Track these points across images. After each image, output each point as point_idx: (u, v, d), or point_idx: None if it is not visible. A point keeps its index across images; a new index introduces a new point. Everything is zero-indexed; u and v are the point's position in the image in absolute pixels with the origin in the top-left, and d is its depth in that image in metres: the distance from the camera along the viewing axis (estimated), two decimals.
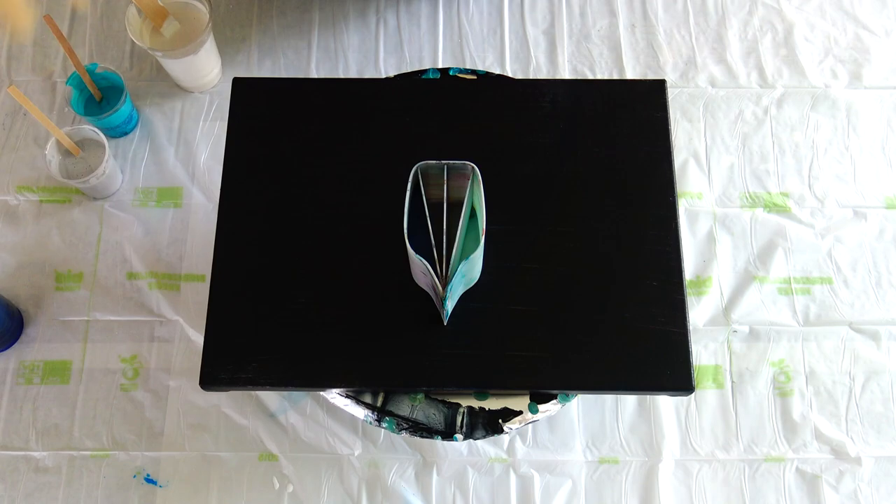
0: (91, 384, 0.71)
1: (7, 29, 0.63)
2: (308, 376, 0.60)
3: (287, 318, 0.61)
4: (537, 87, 0.69)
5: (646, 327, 0.60)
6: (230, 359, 0.60)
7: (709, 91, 0.82)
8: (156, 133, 0.80)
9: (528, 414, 0.62)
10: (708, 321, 0.74)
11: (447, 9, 0.85)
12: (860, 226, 0.77)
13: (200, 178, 0.78)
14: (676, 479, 0.69)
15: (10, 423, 0.70)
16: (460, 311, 0.61)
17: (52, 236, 0.76)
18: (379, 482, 0.69)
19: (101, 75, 0.75)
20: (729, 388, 0.72)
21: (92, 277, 0.74)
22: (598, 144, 0.66)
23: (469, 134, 0.66)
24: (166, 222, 0.76)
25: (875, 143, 0.80)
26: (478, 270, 0.61)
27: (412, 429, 0.62)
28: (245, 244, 0.63)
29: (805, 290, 0.75)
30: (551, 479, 0.69)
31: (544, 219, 0.64)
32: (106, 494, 0.68)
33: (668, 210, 0.64)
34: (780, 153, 0.80)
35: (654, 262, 0.62)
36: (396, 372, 0.60)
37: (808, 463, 0.70)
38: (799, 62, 0.83)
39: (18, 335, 0.73)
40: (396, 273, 0.61)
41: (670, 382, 0.59)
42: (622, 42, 0.84)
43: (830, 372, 0.72)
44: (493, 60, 0.83)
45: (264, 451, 0.70)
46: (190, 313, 0.73)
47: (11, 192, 0.77)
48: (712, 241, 0.76)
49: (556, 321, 0.61)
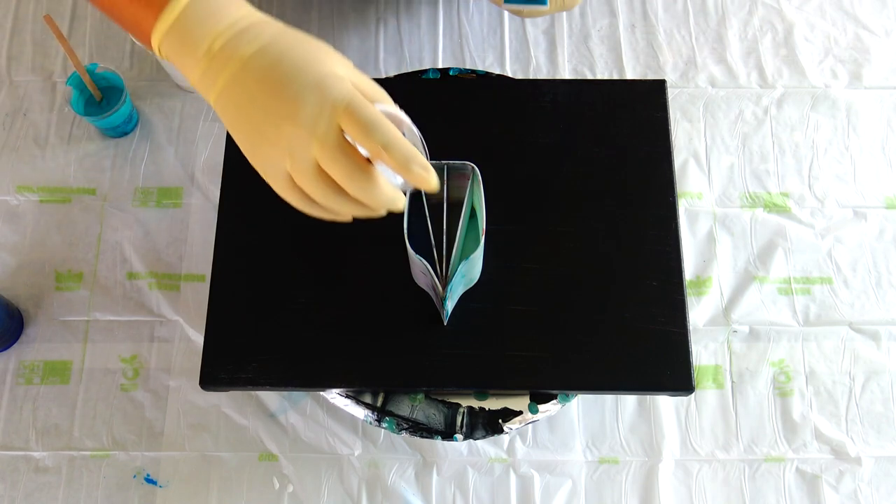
0: (91, 384, 0.71)
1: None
2: (308, 376, 0.60)
3: (287, 318, 0.61)
4: (537, 87, 0.69)
5: (646, 327, 0.60)
6: (230, 359, 0.60)
7: (709, 91, 0.82)
8: (156, 133, 0.80)
9: (528, 414, 0.62)
10: (708, 321, 0.74)
11: (447, 9, 0.85)
12: (860, 226, 0.77)
13: (200, 178, 0.78)
14: (676, 479, 0.69)
15: (10, 423, 0.70)
16: (460, 311, 0.61)
17: (52, 236, 0.76)
18: (379, 482, 0.69)
19: (101, 75, 0.75)
20: (729, 388, 0.72)
21: (92, 277, 0.74)
22: (598, 144, 0.66)
23: (469, 134, 0.66)
24: (166, 222, 0.76)
25: (875, 143, 0.80)
26: (478, 270, 0.61)
27: (412, 429, 0.62)
28: (245, 244, 0.63)
29: (805, 290, 0.75)
30: (551, 479, 0.69)
31: (544, 219, 0.64)
32: (106, 494, 0.68)
33: (668, 210, 0.64)
34: (780, 153, 0.80)
35: (654, 262, 0.62)
36: (396, 372, 0.60)
37: (808, 463, 0.70)
38: (799, 62, 0.83)
39: (18, 335, 0.73)
40: (396, 273, 0.62)
41: (670, 382, 0.59)
42: (622, 42, 0.84)
43: (830, 372, 0.72)
44: (493, 60, 0.83)
45: (264, 451, 0.70)
46: (190, 313, 0.73)
47: (11, 192, 0.77)
48: (712, 241, 0.76)
49: (556, 321, 0.61)
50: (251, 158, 0.46)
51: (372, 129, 0.43)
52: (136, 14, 0.46)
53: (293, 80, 0.44)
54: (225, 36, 0.45)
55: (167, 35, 0.45)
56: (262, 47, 0.45)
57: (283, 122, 0.44)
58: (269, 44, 0.45)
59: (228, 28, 0.45)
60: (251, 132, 0.45)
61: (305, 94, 0.44)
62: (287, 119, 0.44)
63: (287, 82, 0.44)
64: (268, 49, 0.45)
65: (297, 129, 0.43)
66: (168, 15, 0.45)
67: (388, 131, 0.43)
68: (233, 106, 0.45)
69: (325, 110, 0.43)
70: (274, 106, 0.44)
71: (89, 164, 0.78)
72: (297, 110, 0.44)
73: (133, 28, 0.48)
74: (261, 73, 0.44)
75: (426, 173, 0.43)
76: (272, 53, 0.45)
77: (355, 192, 0.44)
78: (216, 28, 0.45)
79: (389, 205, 0.46)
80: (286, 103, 0.44)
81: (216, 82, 0.45)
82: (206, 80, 0.45)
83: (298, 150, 0.44)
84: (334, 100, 0.43)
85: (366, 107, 0.44)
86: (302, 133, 0.43)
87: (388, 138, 0.43)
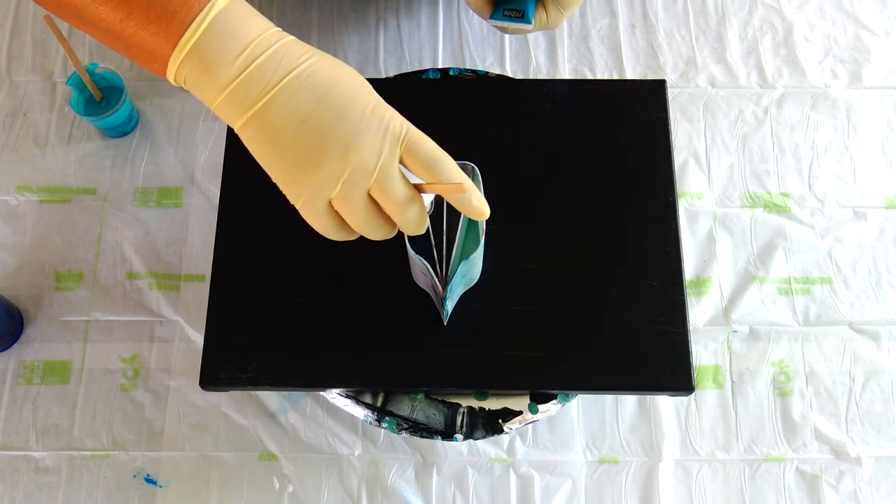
0: (91, 384, 0.71)
1: None
2: (308, 376, 0.60)
3: (287, 318, 0.61)
4: (537, 87, 0.69)
5: (646, 327, 0.60)
6: (230, 359, 0.60)
7: (709, 91, 0.82)
8: (156, 133, 0.80)
9: (528, 414, 0.62)
10: (708, 321, 0.74)
11: (447, 9, 0.85)
12: (860, 226, 0.77)
13: (200, 178, 0.78)
14: (676, 479, 0.69)
15: (10, 423, 0.70)
16: (460, 311, 0.61)
17: (52, 236, 0.76)
18: (379, 482, 0.69)
19: (101, 75, 0.75)
20: (729, 388, 0.72)
21: (92, 277, 0.74)
22: (598, 144, 0.66)
23: (469, 134, 0.66)
24: (166, 222, 0.76)
25: (875, 143, 0.80)
26: (478, 270, 0.61)
27: (412, 429, 0.62)
28: (245, 244, 0.63)
29: (805, 290, 0.75)
30: (551, 479, 0.69)
31: (544, 219, 0.64)
32: (106, 494, 0.68)
33: (668, 210, 0.64)
34: (780, 153, 0.80)
35: (654, 262, 0.62)
36: (396, 372, 0.60)
37: (808, 463, 0.70)
38: (799, 62, 0.83)
39: (18, 335, 0.73)
40: (396, 273, 0.62)
41: (670, 382, 0.59)
42: (622, 42, 0.84)
43: (830, 372, 0.72)
44: (493, 60, 0.83)
45: (264, 451, 0.70)
46: (190, 313, 0.73)
47: (11, 192, 0.77)
48: (712, 241, 0.76)
49: (556, 321, 0.61)
50: (290, 183, 0.44)
51: (433, 165, 0.44)
52: (148, 41, 0.44)
53: (352, 106, 0.44)
54: (255, 55, 0.43)
55: (186, 60, 0.43)
56: (307, 70, 0.44)
57: (347, 150, 0.43)
58: (314, 66, 0.44)
59: (257, 47, 0.43)
60: (300, 157, 0.44)
61: (366, 121, 0.43)
62: (351, 147, 0.43)
63: (347, 107, 0.43)
64: (315, 71, 0.44)
65: (361, 157, 0.43)
66: (189, 38, 0.43)
67: (448, 166, 0.45)
68: (275, 130, 0.43)
69: (388, 140, 0.44)
70: (334, 131, 0.43)
71: (89, 164, 0.78)
72: (360, 139, 0.43)
73: (143, 56, 0.45)
74: (313, 97, 0.43)
75: (483, 207, 0.45)
76: (322, 76, 0.44)
77: (403, 220, 0.45)
78: (243, 48, 0.43)
79: (421, 230, 0.47)
80: (347, 129, 0.43)
81: (246, 105, 0.43)
82: (233, 102, 0.43)
83: (356, 178, 0.43)
84: (394, 131, 0.44)
85: (425, 140, 0.45)
86: (367, 161, 0.43)
87: (448, 174, 0.44)
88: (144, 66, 0.46)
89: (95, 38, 0.47)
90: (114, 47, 0.46)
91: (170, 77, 0.45)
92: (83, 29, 0.46)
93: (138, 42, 0.44)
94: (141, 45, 0.44)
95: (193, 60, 0.43)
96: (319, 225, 0.46)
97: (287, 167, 0.44)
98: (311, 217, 0.46)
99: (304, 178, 0.44)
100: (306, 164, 0.44)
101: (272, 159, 0.44)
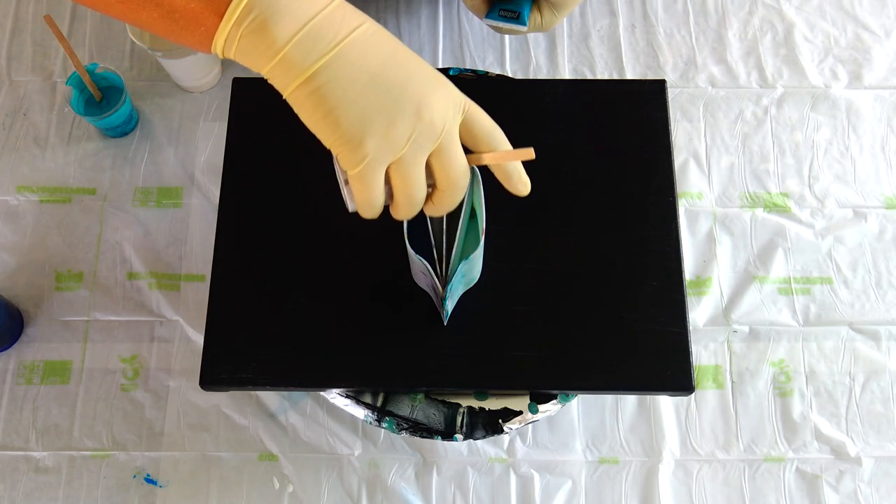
0: (91, 384, 0.71)
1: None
2: (308, 376, 0.60)
3: (287, 317, 0.61)
4: (537, 86, 0.69)
5: (646, 327, 0.60)
6: (230, 359, 0.60)
7: (709, 91, 0.82)
8: (156, 133, 0.80)
9: (528, 414, 0.62)
10: (708, 321, 0.74)
11: (447, 9, 0.85)
12: (860, 226, 0.77)
13: (200, 178, 0.78)
14: (676, 479, 0.69)
15: (10, 423, 0.70)
16: (460, 311, 0.61)
17: (52, 236, 0.76)
18: (379, 482, 0.69)
19: (101, 75, 0.75)
20: (729, 388, 0.72)
21: (92, 277, 0.74)
22: (598, 144, 0.66)
23: None
24: (166, 222, 0.76)
25: (875, 143, 0.80)
26: (478, 270, 0.61)
27: (412, 429, 0.62)
28: (245, 244, 0.63)
29: (805, 290, 0.75)
30: (551, 479, 0.69)
31: (544, 219, 0.64)
32: (106, 494, 0.68)
33: (668, 210, 0.64)
34: (780, 153, 0.80)
35: (654, 262, 0.62)
36: (396, 372, 0.60)
37: (808, 463, 0.70)
38: (799, 62, 0.83)
39: (18, 335, 0.73)
40: (396, 273, 0.61)
41: (670, 382, 0.59)
42: (622, 42, 0.84)
43: (830, 372, 0.72)
44: (493, 60, 0.83)
45: (264, 451, 0.70)
46: (190, 313, 0.73)
47: (11, 192, 0.77)
48: (712, 241, 0.76)
49: (555, 321, 0.61)
50: (355, 145, 0.42)
51: (489, 136, 0.46)
52: (196, 9, 0.41)
53: (421, 66, 0.43)
54: (318, 9, 0.41)
55: (245, 13, 0.41)
56: (372, 27, 0.42)
57: (420, 108, 0.42)
58: (375, 25, 0.43)
59: (312, 7, 0.41)
60: (367, 116, 0.42)
61: (434, 83, 0.43)
62: (424, 106, 0.42)
63: (416, 66, 0.43)
64: (379, 30, 0.43)
65: (432, 117, 0.42)
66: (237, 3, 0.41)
67: (503, 142, 0.46)
68: (342, 87, 0.41)
69: (453, 105, 0.44)
70: (406, 90, 0.42)
71: (89, 164, 0.78)
72: (431, 98, 0.42)
73: (188, 21, 0.42)
74: (382, 53, 0.42)
75: (528, 181, 0.48)
76: (386, 35, 0.43)
77: (453, 188, 0.45)
78: (300, 8, 0.41)
79: (452, 207, 0.47)
80: (419, 89, 0.42)
81: (310, 61, 0.41)
82: (294, 58, 0.41)
83: (423, 139, 0.42)
84: (457, 97, 0.44)
85: (483, 112, 0.46)
86: (436, 122, 0.42)
87: (503, 145, 0.46)
88: (182, 36, 0.43)
89: (129, 12, 0.43)
90: (150, 19, 0.43)
91: (218, 40, 0.42)
92: (119, 5, 0.43)
93: (184, 12, 0.41)
94: (187, 7, 0.41)
95: (254, 12, 0.41)
96: (372, 195, 0.44)
97: (352, 127, 0.42)
98: (365, 184, 0.43)
99: (373, 137, 0.42)
100: (376, 123, 0.42)
101: (333, 120, 0.42)
